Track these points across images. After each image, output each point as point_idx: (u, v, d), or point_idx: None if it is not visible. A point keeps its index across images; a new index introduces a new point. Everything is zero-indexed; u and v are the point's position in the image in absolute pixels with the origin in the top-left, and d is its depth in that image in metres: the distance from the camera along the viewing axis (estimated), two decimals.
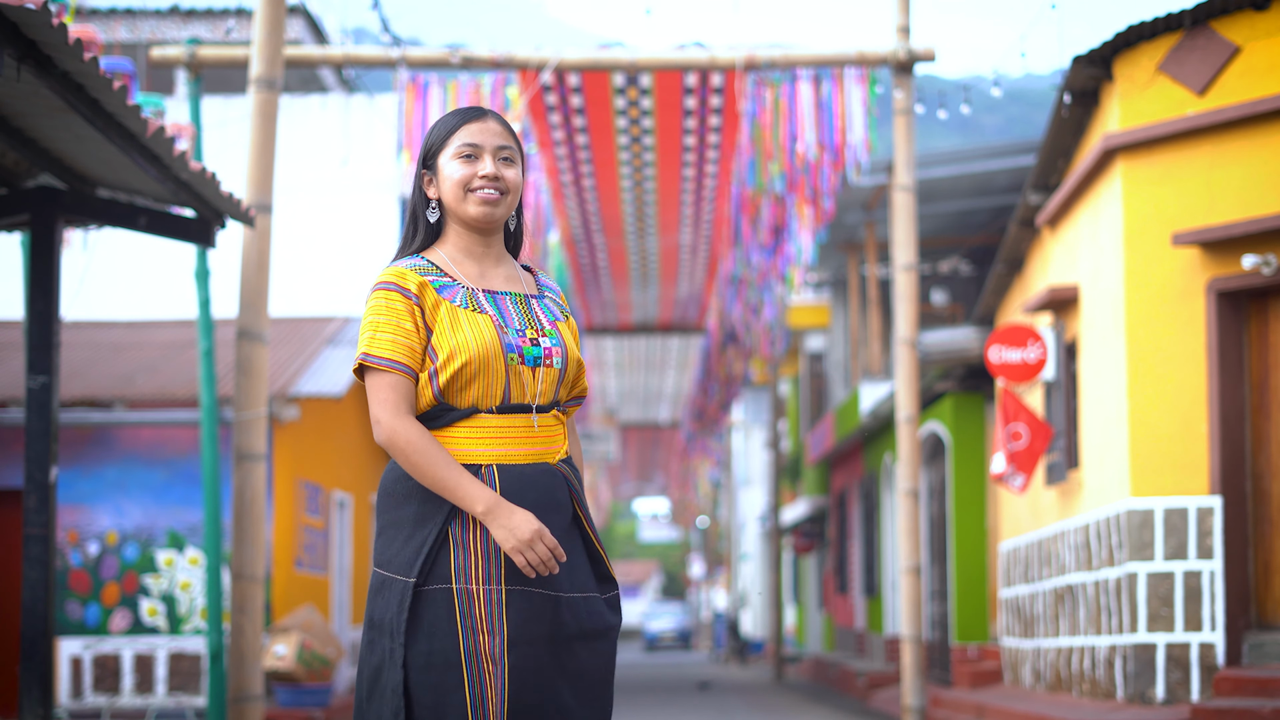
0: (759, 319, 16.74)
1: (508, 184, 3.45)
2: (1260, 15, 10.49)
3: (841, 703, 18.63)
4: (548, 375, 3.39)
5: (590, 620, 3.38)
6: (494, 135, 3.46)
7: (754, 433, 41.91)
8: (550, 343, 3.41)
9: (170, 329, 16.37)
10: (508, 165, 3.46)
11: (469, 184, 3.42)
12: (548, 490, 3.36)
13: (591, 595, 3.41)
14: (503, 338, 3.35)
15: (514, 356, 3.34)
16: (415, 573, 3.28)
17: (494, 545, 3.30)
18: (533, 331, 3.40)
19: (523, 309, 3.44)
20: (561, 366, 3.41)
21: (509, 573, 3.30)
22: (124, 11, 18.39)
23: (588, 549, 3.45)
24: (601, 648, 3.39)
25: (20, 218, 7.94)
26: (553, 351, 3.40)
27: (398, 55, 11.21)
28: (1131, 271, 10.81)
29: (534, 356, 3.37)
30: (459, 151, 3.43)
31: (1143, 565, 10.52)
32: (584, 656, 3.36)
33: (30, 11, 5.62)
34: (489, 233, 3.49)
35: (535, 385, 3.38)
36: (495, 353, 3.33)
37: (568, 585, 3.36)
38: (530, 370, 3.37)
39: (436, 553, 3.31)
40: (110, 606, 13.61)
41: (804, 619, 35.57)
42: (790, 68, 11.35)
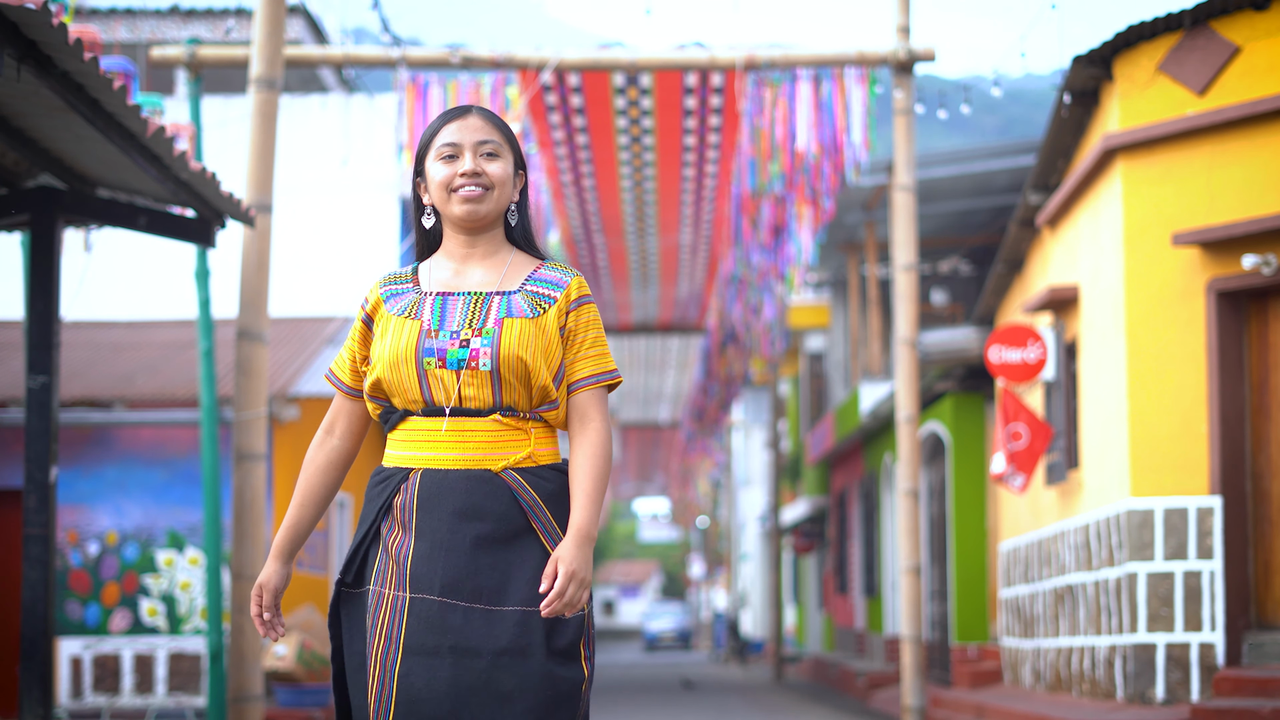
0: (759, 319, 16.74)
1: (490, 179, 3.39)
2: (1260, 15, 10.49)
3: (841, 703, 18.63)
4: (475, 378, 3.29)
5: (531, 636, 3.23)
6: (473, 131, 3.41)
7: (754, 433, 41.90)
8: (480, 343, 3.30)
9: (170, 329, 16.37)
10: (490, 160, 3.41)
11: (450, 184, 3.40)
12: (468, 497, 3.27)
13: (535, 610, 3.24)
14: (423, 342, 3.31)
15: (431, 360, 3.30)
16: (345, 572, 3.40)
17: (406, 549, 3.29)
18: (468, 332, 3.32)
19: (473, 309, 3.35)
20: (490, 368, 3.28)
21: (415, 578, 3.27)
22: (124, 11, 18.39)
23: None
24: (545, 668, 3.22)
25: (20, 218, 7.94)
26: (479, 352, 3.29)
27: (398, 55, 11.21)
28: (1131, 271, 10.81)
29: (458, 359, 3.30)
30: (440, 153, 3.41)
31: (1143, 565, 10.52)
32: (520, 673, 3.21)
33: (30, 11, 5.62)
34: (477, 231, 3.43)
35: (455, 388, 3.30)
36: (407, 359, 3.31)
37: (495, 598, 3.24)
38: (453, 374, 3.30)
39: (365, 554, 3.38)
40: (110, 606, 13.61)
41: (804, 619, 35.57)
42: (790, 68, 11.35)
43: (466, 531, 3.27)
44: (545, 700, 3.22)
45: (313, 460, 3.48)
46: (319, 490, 3.48)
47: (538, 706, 3.21)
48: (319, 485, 3.48)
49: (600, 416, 3.40)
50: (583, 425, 3.38)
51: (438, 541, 3.28)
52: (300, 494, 3.47)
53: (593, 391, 3.41)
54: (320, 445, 3.48)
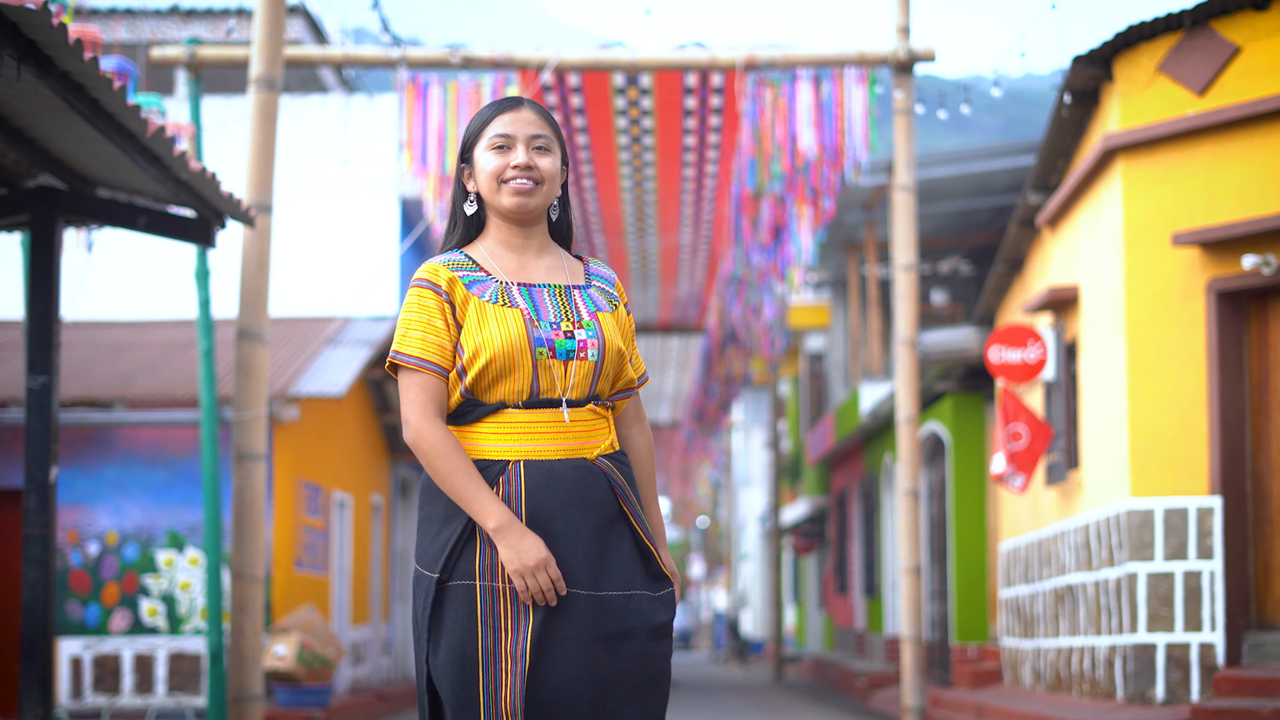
0: (759, 319, 16.73)
1: (542, 173, 3.39)
2: (1260, 15, 10.49)
3: (841, 703, 18.63)
4: (581, 368, 3.32)
5: (633, 618, 3.29)
6: (527, 124, 3.40)
7: (754, 433, 41.91)
8: (586, 335, 3.33)
9: (170, 329, 16.37)
10: (542, 154, 3.40)
11: (502, 175, 3.38)
12: (578, 486, 3.30)
13: (636, 593, 3.32)
14: (532, 332, 3.29)
15: (543, 350, 3.29)
16: (439, 568, 3.27)
17: None
18: (568, 324, 3.34)
19: (561, 301, 3.38)
20: (598, 359, 3.33)
21: None
22: (124, 11, 18.39)
23: (639, 546, 3.37)
24: (647, 647, 3.30)
25: (20, 218, 7.94)
26: (587, 344, 3.33)
27: (398, 55, 11.21)
28: (1131, 271, 10.81)
29: (567, 350, 3.31)
30: (492, 143, 3.39)
31: (1143, 565, 10.52)
32: (627, 655, 3.27)
33: (30, 11, 5.62)
34: (528, 223, 3.43)
35: (567, 379, 3.31)
36: (521, 348, 3.28)
37: (604, 583, 3.29)
38: (562, 364, 3.31)
39: (462, 548, 3.29)
40: (110, 606, 13.61)
41: (804, 619, 35.58)
42: (790, 68, 11.35)
43: (580, 520, 3.30)
44: (650, 678, 3.31)
45: (445, 438, 3.27)
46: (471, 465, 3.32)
47: (643, 684, 3.29)
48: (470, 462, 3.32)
49: (643, 413, 3.59)
50: (640, 424, 3.56)
51: (553, 532, 3.28)
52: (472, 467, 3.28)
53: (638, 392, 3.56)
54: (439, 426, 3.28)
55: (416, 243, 18.87)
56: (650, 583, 3.37)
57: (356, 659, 17.42)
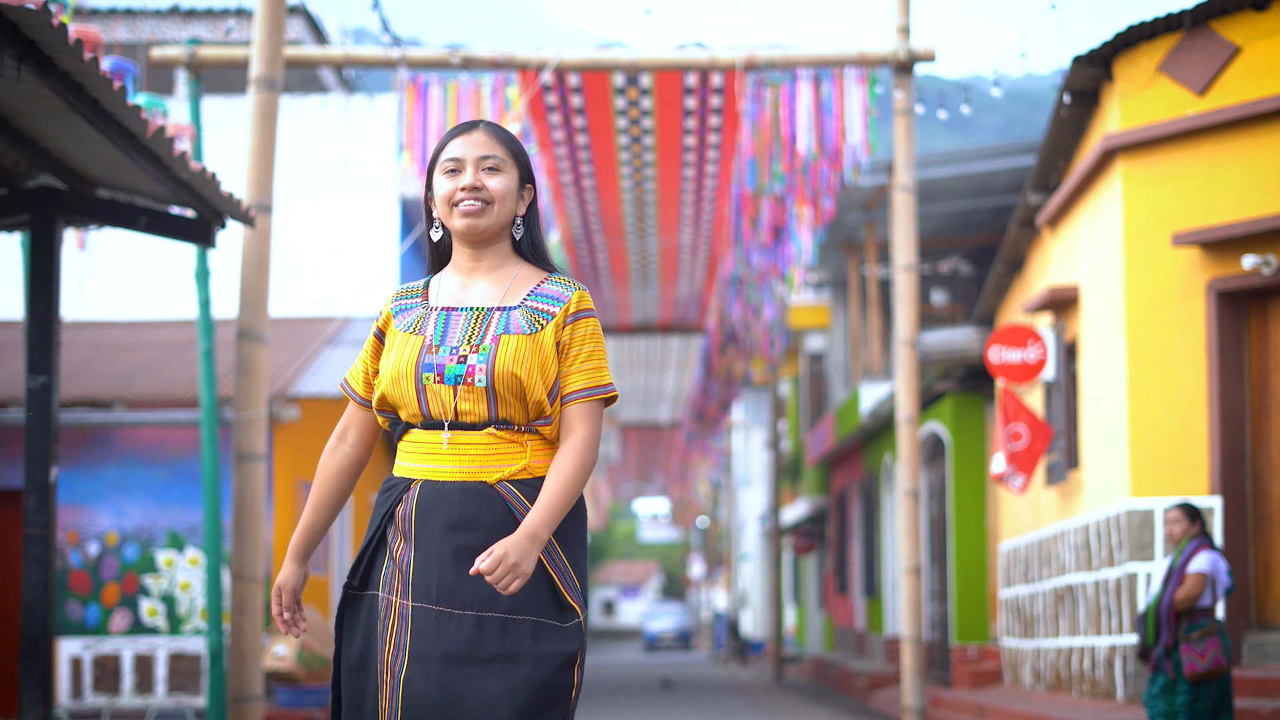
0: (759, 319, 16.73)
1: (491, 193, 3.46)
2: (1260, 15, 10.49)
3: (841, 703, 18.63)
4: (471, 393, 3.37)
5: (518, 644, 3.30)
6: (477, 146, 3.48)
7: (754, 433, 41.90)
8: (476, 360, 3.37)
9: (170, 329, 16.37)
10: (492, 174, 3.47)
11: (452, 198, 3.48)
12: (464, 508, 3.36)
13: (526, 618, 3.31)
14: (423, 358, 3.41)
15: (429, 376, 3.39)
16: (352, 575, 3.48)
17: (408, 558, 3.39)
18: (467, 348, 3.40)
19: (474, 325, 3.43)
20: (485, 384, 3.36)
21: (415, 587, 3.36)
22: (124, 11, 18.39)
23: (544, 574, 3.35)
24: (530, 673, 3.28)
25: (20, 218, 7.94)
26: (475, 369, 3.36)
27: (398, 55, 11.21)
28: (1131, 271, 10.81)
29: (455, 375, 3.39)
30: (444, 167, 3.49)
31: (1143, 565, 10.51)
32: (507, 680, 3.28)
33: (30, 11, 5.62)
34: (480, 244, 3.51)
35: (453, 403, 3.39)
36: (408, 374, 3.41)
37: (484, 605, 3.31)
38: (450, 389, 3.39)
39: (371, 558, 3.47)
40: (110, 607, 13.61)
41: (804, 619, 35.58)
42: (790, 68, 11.35)
43: (458, 541, 3.36)
44: (531, 705, 3.28)
45: (325, 466, 3.60)
46: (332, 495, 3.61)
47: (523, 711, 3.27)
48: (332, 490, 3.60)
49: (586, 428, 3.42)
50: (567, 436, 3.41)
51: (432, 551, 3.37)
52: (314, 498, 3.59)
53: (583, 405, 3.43)
54: (333, 451, 3.60)
55: (416, 243, 18.88)
56: (554, 611, 3.35)
57: None
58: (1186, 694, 7.97)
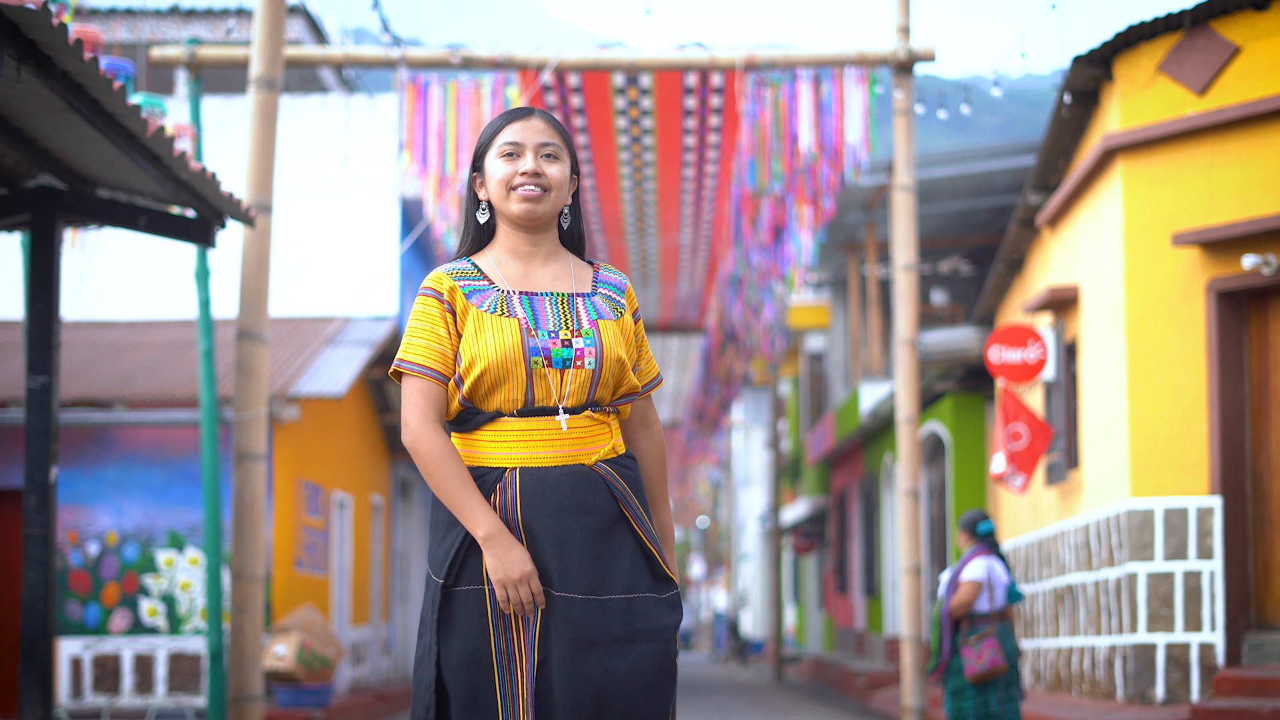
0: (759, 319, 16.73)
1: (550, 180, 3.45)
2: (1260, 15, 10.49)
3: (841, 703, 18.63)
4: (578, 377, 3.36)
5: (636, 622, 3.33)
6: (536, 132, 3.47)
7: (754, 433, 41.92)
8: (583, 343, 3.37)
9: (170, 329, 16.37)
10: (550, 162, 3.47)
11: (510, 181, 3.44)
12: (574, 492, 3.34)
13: (639, 596, 3.35)
14: (528, 341, 3.34)
15: (538, 360, 3.34)
16: (444, 573, 3.33)
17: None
18: (566, 332, 3.38)
19: (562, 309, 3.42)
20: (595, 367, 3.36)
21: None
22: (124, 11, 18.39)
23: (642, 550, 3.40)
24: (650, 649, 3.32)
25: (20, 218, 7.94)
26: (584, 352, 3.37)
27: (398, 55, 11.21)
28: (1131, 271, 10.81)
29: (563, 359, 3.35)
30: (502, 150, 3.45)
31: (1143, 565, 10.52)
32: (632, 658, 3.30)
33: (30, 11, 5.62)
34: (535, 230, 3.49)
35: (563, 387, 3.36)
36: (515, 358, 3.33)
37: (604, 588, 3.33)
38: (559, 373, 3.35)
39: (467, 553, 3.34)
40: (110, 606, 13.61)
41: (804, 619, 35.58)
42: (790, 68, 11.35)
43: (576, 526, 3.33)
44: (655, 680, 3.33)
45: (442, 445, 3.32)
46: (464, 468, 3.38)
47: (649, 686, 3.32)
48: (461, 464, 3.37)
49: (657, 419, 3.62)
50: (647, 427, 3.59)
51: (549, 538, 3.32)
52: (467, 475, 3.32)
53: (649, 395, 3.60)
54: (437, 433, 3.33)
55: (416, 243, 18.88)
56: (655, 585, 3.40)
57: (356, 659, 17.42)
58: (973, 696, 8.55)
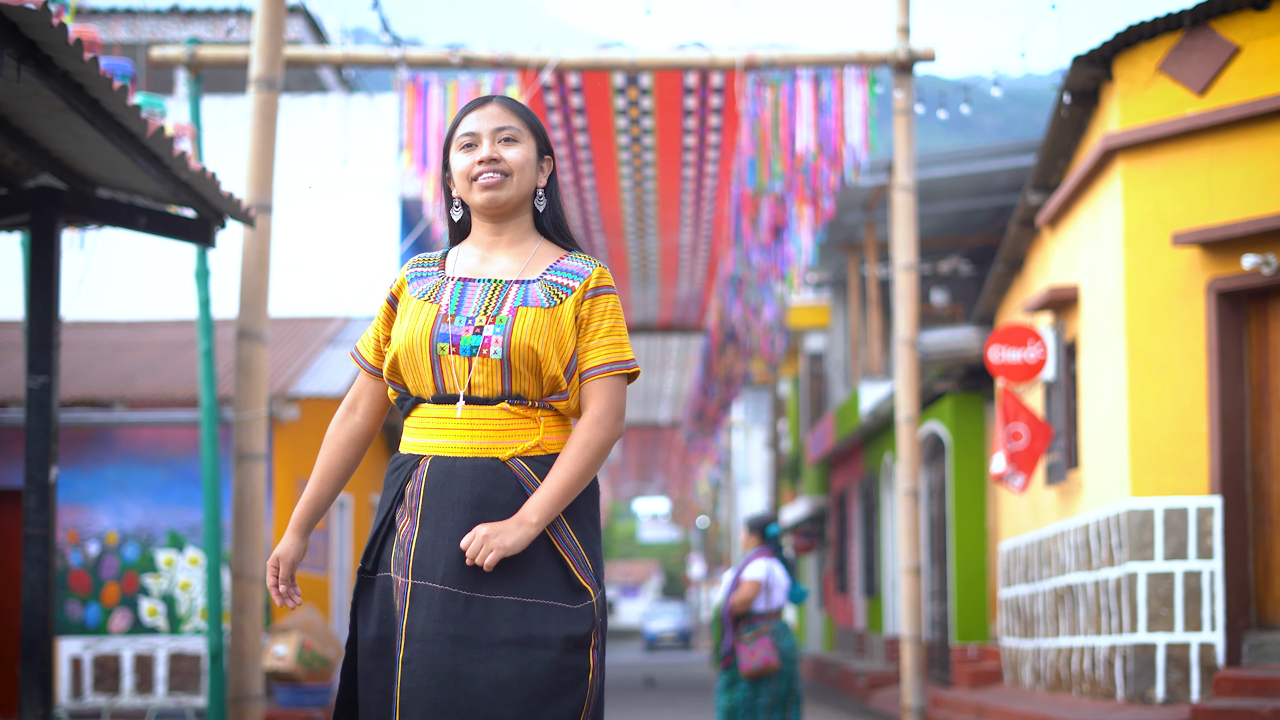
0: (759, 319, 16.73)
1: (509, 164, 3.40)
2: (1260, 15, 10.49)
3: (841, 703, 18.63)
4: (484, 366, 3.29)
5: (531, 627, 3.23)
6: (491, 119, 3.42)
7: (754, 433, 41.90)
8: (492, 330, 3.30)
9: (170, 329, 16.37)
10: (509, 145, 3.41)
11: (470, 173, 3.41)
12: (475, 485, 3.27)
13: (539, 602, 3.25)
14: (439, 327, 3.32)
15: (444, 346, 3.31)
16: (363, 558, 3.40)
17: (411, 536, 3.31)
18: (483, 319, 3.32)
19: (490, 297, 3.36)
20: (501, 356, 3.28)
21: (419, 565, 3.28)
22: (124, 11, 18.39)
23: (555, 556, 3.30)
24: (543, 656, 3.22)
25: (20, 218, 7.94)
26: (491, 340, 3.29)
27: (398, 55, 11.21)
28: (1131, 271, 10.81)
29: (470, 346, 3.30)
30: (460, 143, 3.44)
31: (1143, 565, 10.52)
32: (520, 663, 3.21)
33: (30, 11, 5.62)
34: (501, 218, 3.44)
35: (469, 375, 3.30)
36: (421, 342, 3.32)
37: (493, 588, 3.24)
38: (465, 360, 3.30)
39: (384, 540, 3.38)
40: (110, 606, 13.61)
41: (804, 619, 35.58)
42: (790, 68, 11.35)
43: (470, 520, 3.27)
44: (545, 690, 3.22)
45: (334, 436, 3.50)
46: (339, 466, 3.51)
47: (537, 695, 3.21)
48: (339, 461, 3.51)
49: (605, 405, 3.35)
50: (592, 418, 3.35)
51: (441, 529, 3.28)
52: (320, 469, 3.49)
53: (603, 380, 3.36)
54: (341, 422, 3.51)
55: (416, 243, 18.87)
56: (564, 593, 3.29)
57: None
58: (745, 690, 8.97)
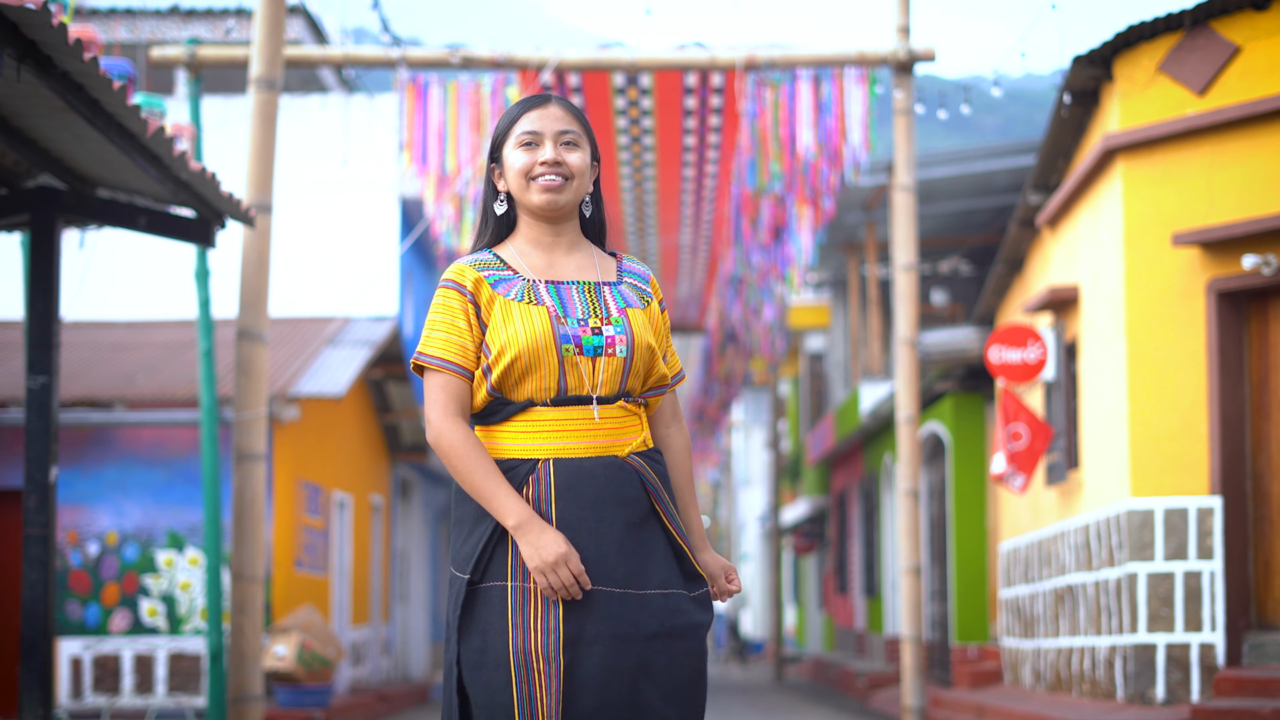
0: (759, 319, 16.73)
1: (570, 169, 3.36)
2: (1260, 15, 10.49)
3: (841, 703, 18.63)
4: (610, 365, 3.28)
5: (673, 618, 3.27)
6: (555, 120, 3.38)
7: (754, 433, 41.93)
8: (614, 331, 3.30)
9: (170, 329, 16.38)
10: (570, 150, 3.37)
11: (530, 171, 3.36)
12: (609, 484, 3.26)
13: (674, 592, 3.29)
14: (558, 329, 3.26)
15: (569, 347, 3.26)
16: (469, 569, 3.24)
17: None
18: (596, 320, 3.30)
19: (589, 297, 3.35)
20: (626, 355, 3.29)
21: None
22: (124, 11, 18.40)
23: (672, 545, 3.34)
24: (686, 646, 3.28)
25: (20, 218, 7.94)
26: (615, 340, 3.29)
27: (398, 55, 11.21)
28: (1131, 271, 10.81)
29: (594, 346, 3.27)
30: (520, 140, 3.37)
31: (1143, 565, 10.52)
32: (667, 655, 3.24)
33: (30, 11, 5.62)
34: (557, 220, 3.40)
35: (595, 376, 3.28)
36: (547, 345, 3.25)
37: (642, 581, 3.26)
38: (590, 360, 3.27)
39: (493, 549, 3.25)
40: (110, 607, 13.61)
41: (804, 619, 35.59)
42: (790, 68, 11.35)
43: (612, 518, 3.25)
44: (690, 678, 3.29)
45: (465, 438, 3.25)
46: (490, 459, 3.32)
47: (685, 684, 3.27)
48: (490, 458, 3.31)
49: (680, 414, 3.54)
50: (676, 421, 3.51)
51: (584, 530, 3.24)
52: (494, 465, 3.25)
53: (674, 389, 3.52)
54: (459, 426, 3.26)
55: (416, 243, 18.88)
56: (686, 582, 3.34)
57: (356, 659, 17.42)
58: None
